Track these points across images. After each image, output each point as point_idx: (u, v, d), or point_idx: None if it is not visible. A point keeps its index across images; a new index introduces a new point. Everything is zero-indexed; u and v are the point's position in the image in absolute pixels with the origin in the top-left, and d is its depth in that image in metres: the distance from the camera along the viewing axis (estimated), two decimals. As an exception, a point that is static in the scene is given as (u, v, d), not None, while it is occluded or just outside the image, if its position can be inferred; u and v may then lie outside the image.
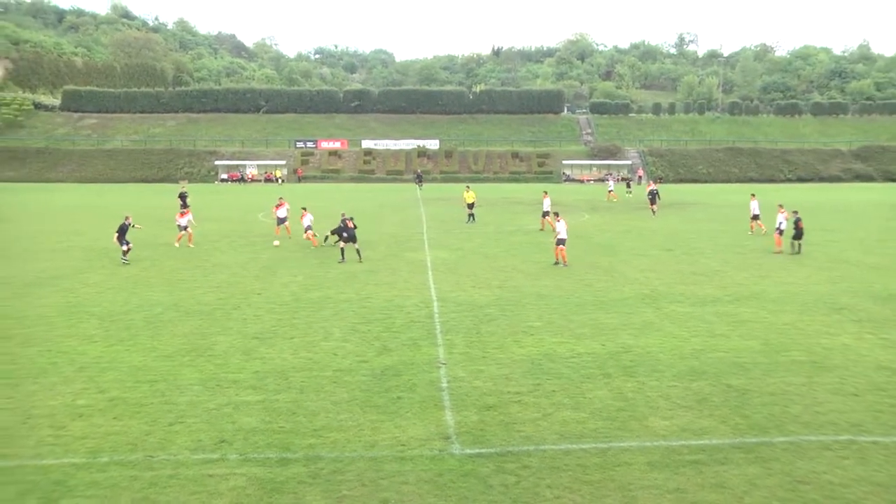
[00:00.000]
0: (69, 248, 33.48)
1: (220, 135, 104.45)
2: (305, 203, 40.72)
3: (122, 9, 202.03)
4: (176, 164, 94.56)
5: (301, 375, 15.29)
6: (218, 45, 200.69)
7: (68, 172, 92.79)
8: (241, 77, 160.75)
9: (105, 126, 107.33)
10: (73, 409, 13.50)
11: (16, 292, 23.69)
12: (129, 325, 19.37)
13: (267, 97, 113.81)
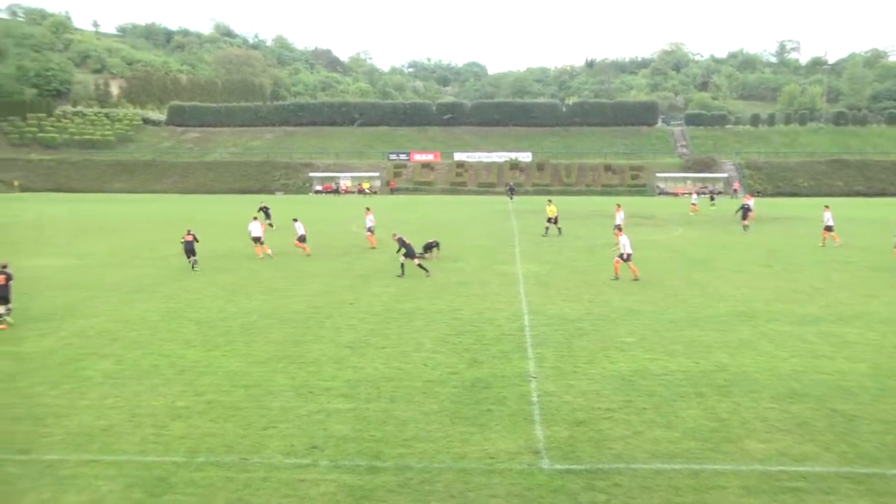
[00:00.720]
0: (169, 256, 34.87)
1: (315, 147, 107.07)
2: (396, 214, 41.22)
3: (225, 27, 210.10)
4: (272, 175, 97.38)
5: (392, 385, 15.45)
6: (314, 60, 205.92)
7: (172, 184, 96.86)
8: (336, 91, 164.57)
9: (206, 139, 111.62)
10: (173, 409, 14.03)
11: (122, 298, 24.85)
12: (226, 332, 20.00)
13: (361, 110, 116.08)
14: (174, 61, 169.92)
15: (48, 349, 18.35)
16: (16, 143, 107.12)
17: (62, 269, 31.35)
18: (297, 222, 36.55)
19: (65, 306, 23.55)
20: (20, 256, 34.62)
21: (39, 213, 60.76)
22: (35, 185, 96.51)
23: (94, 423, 13.36)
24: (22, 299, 24.45)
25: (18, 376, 16.11)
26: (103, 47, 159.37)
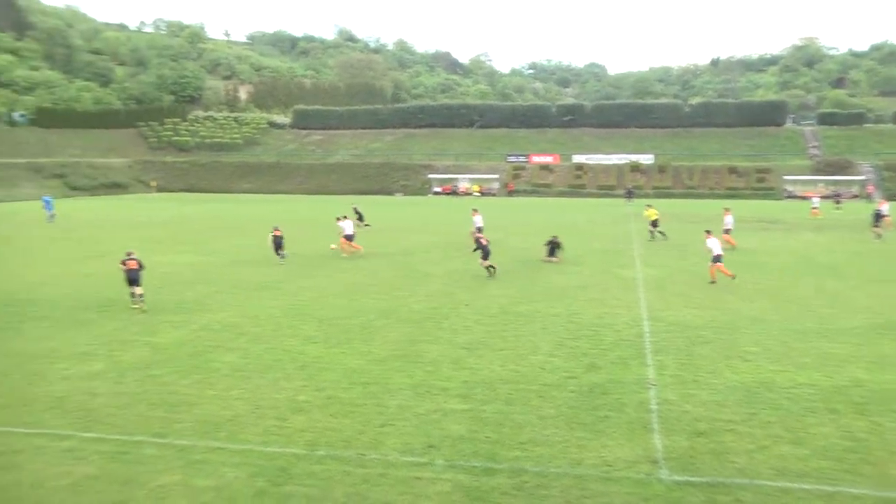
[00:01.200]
0: (292, 255, 36.10)
1: (434, 149, 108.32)
2: (514, 217, 41.15)
3: (347, 33, 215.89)
4: (392, 177, 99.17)
5: (508, 387, 15.44)
6: (434, 63, 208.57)
7: (296, 185, 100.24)
8: (456, 93, 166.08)
9: (329, 142, 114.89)
10: (294, 403, 14.52)
11: (248, 294, 25.93)
12: (346, 330, 20.52)
13: (480, 112, 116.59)
14: (299, 67, 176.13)
15: (180, 341, 19.37)
16: (154, 146, 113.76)
17: (193, 265, 33.00)
18: (344, 220, 37.49)
19: (195, 301, 24.78)
20: (156, 253, 36.71)
21: (173, 212, 64.22)
22: (170, 186, 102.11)
23: (221, 413, 14.00)
24: (158, 293, 25.97)
25: (154, 365, 17.09)
26: (233, 55, 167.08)
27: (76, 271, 28.66)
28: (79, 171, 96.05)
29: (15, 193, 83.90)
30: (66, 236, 43.90)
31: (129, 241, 42.31)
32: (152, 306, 23.62)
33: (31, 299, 25.08)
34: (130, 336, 19.92)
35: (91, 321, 21.77)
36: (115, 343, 19.15)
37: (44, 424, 13.48)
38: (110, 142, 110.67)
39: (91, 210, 68.05)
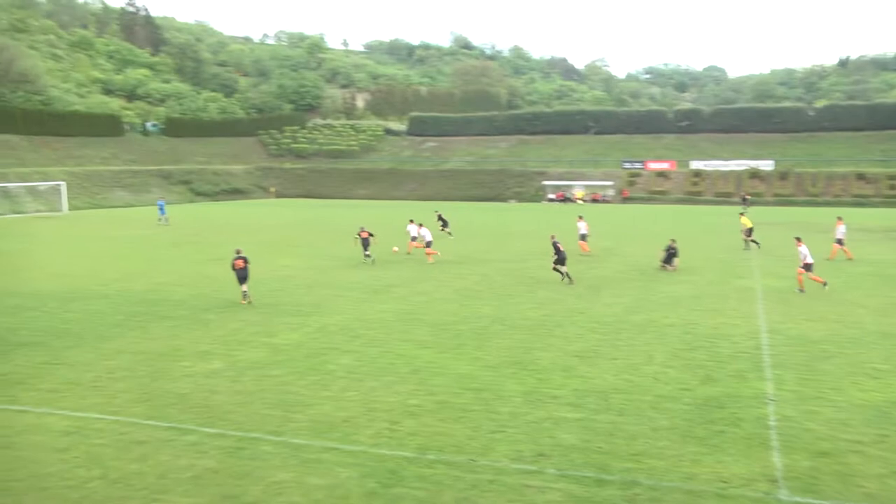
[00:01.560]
0: (403, 259, 36.68)
1: (549, 156, 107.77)
2: (629, 224, 40.45)
3: (463, 40, 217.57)
4: (506, 184, 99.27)
5: (621, 397, 15.18)
6: (550, 69, 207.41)
7: (410, 191, 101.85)
8: (571, 99, 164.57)
9: (444, 148, 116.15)
10: (406, 407, 14.74)
11: (362, 298, 26.53)
12: (458, 335, 20.67)
13: (595, 118, 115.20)
14: (415, 74, 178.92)
15: (296, 342, 20.02)
16: (273, 153, 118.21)
17: (310, 268, 34.04)
18: (412, 225, 39.97)
19: (311, 303, 25.55)
20: (275, 256, 38.12)
21: (291, 217, 66.48)
22: (288, 192, 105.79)
23: (335, 414, 14.37)
24: (276, 295, 26.95)
25: (271, 365, 17.72)
26: (351, 64, 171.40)
27: (199, 273, 30.09)
28: (203, 177, 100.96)
29: (145, 198, 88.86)
30: (189, 240, 46.16)
31: (249, 244, 44.03)
32: (271, 308, 24.55)
33: (158, 299, 26.50)
34: (249, 336, 20.74)
35: (212, 321, 22.80)
36: (234, 343, 19.99)
37: (168, 418, 14.21)
38: (233, 149, 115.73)
39: (213, 214, 71.31)
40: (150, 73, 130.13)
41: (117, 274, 32.95)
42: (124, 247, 43.84)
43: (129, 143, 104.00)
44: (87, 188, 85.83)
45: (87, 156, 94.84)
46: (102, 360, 18.27)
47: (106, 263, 36.63)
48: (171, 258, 38.23)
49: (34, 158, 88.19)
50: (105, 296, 27.39)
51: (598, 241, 44.80)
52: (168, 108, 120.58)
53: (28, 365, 17.96)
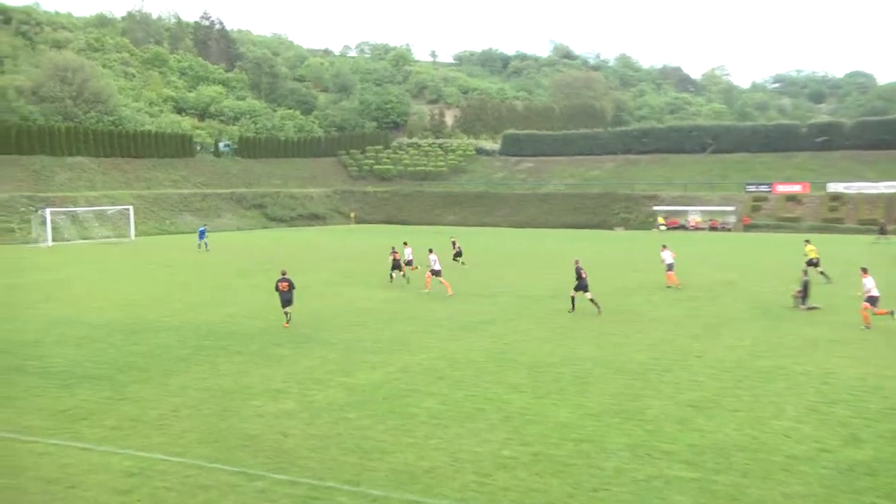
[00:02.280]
0: (498, 293, 36.58)
1: (660, 177, 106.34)
2: (746, 255, 39.39)
3: (564, 49, 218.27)
4: (611, 209, 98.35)
5: (745, 456, 14.61)
6: (662, 80, 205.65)
7: (503, 217, 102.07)
8: (686, 113, 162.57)
9: (541, 170, 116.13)
10: (497, 458, 14.56)
11: (449, 334, 26.57)
12: (557, 378, 20.40)
13: (714, 134, 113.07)
14: (510, 88, 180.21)
15: (376, 383, 20.12)
16: (354, 175, 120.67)
17: (391, 301, 34.35)
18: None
19: (392, 340, 25.72)
20: (353, 287, 38.64)
21: (370, 244, 67.40)
22: (369, 217, 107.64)
23: (417, 463, 14.32)
24: (354, 330, 27.30)
25: (348, 407, 17.85)
26: (440, 77, 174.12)
27: (271, 304, 30.67)
28: (278, 201, 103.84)
29: (216, 223, 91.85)
30: (261, 268, 47.33)
31: (326, 273, 44.93)
32: (348, 345, 24.85)
33: (227, 332, 27.19)
34: (325, 375, 20.98)
35: (285, 357, 23.20)
36: (309, 382, 20.25)
37: (236, 462, 14.44)
38: (310, 171, 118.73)
39: (288, 241, 72.98)
40: (223, 90, 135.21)
41: (185, 304, 34.03)
42: (192, 275, 45.30)
43: (200, 165, 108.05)
44: (154, 212, 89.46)
45: (156, 178, 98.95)
46: (168, 397, 18.80)
47: (173, 292, 37.92)
48: (241, 288, 39.26)
49: (103, 181, 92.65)
50: (172, 327, 28.29)
51: (717, 273, 43.80)
52: (242, 127, 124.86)
53: (92, 400, 18.65)
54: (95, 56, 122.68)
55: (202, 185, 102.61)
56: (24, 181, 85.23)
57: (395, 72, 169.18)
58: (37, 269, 49.80)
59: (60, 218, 76.64)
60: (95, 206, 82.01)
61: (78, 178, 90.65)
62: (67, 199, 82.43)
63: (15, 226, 75.36)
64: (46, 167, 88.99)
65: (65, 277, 45.11)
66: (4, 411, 17.85)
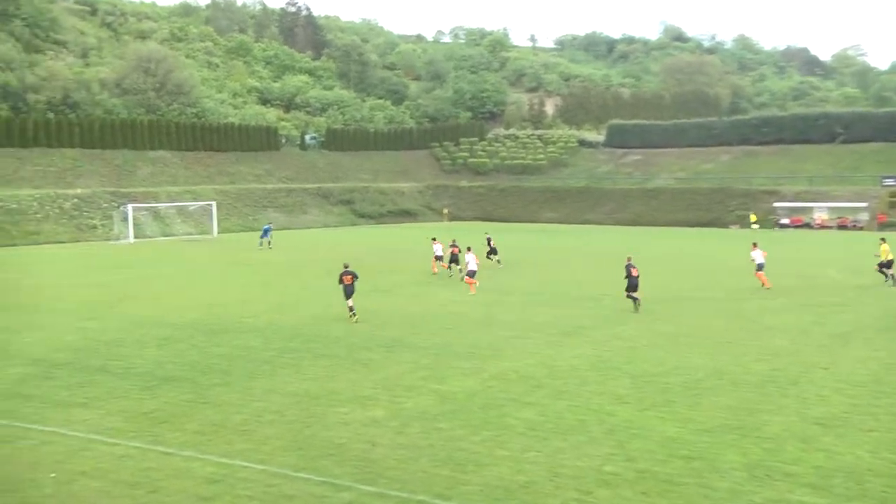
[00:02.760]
0: (601, 296, 36.29)
1: (782, 170, 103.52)
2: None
3: (675, 31, 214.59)
4: (726, 205, 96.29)
5: (881, 483, 14.09)
6: (785, 63, 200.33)
7: (606, 214, 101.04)
8: (813, 99, 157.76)
9: (648, 163, 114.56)
10: (599, 474, 14.45)
11: (548, 340, 26.51)
12: (664, 389, 20.12)
13: (845, 122, 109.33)
14: (615, 74, 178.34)
15: (470, 390, 20.22)
16: (447, 169, 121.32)
17: (487, 304, 34.44)
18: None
19: (488, 345, 25.79)
20: (446, 289, 38.87)
21: (466, 243, 67.55)
22: (463, 214, 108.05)
23: (513, 478, 14.32)
24: (447, 334, 27.50)
25: (440, 416, 17.98)
26: (539, 63, 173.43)
27: (359, 305, 31.12)
28: (367, 196, 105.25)
29: (301, 220, 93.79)
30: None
31: (415, 273, 45.34)
32: (441, 349, 25.06)
33: (313, 334, 27.75)
34: (416, 381, 21.19)
35: (374, 362, 23.51)
36: (398, 388, 20.49)
37: (322, 471, 14.71)
38: (401, 164, 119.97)
39: (377, 239, 73.88)
40: (310, 80, 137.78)
41: (268, 304, 34.89)
42: (277, 274, 46.36)
43: (286, 159, 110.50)
44: (238, 209, 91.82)
45: (239, 173, 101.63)
46: (251, 401, 19.30)
47: (256, 292, 38.93)
48: (327, 288, 39.84)
49: (186, 176, 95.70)
50: (255, 329, 29.02)
51: (846, 277, 42.48)
52: (329, 119, 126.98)
53: (174, 403, 19.30)
54: (179, 46, 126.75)
55: (287, 179, 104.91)
56: (106, 176, 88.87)
57: (492, 58, 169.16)
58: (118, 267, 51.80)
59: (142, 214, 79.61)
60: (177, 202, 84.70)
61: (160, 173, 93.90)
62: (149, 195, 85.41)
63: (97, 222, 78.57)
64: (129, 161, 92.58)
65: (146, 275, 46.82)
66: (88, 412, 18.66)
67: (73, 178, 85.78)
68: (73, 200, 79.73)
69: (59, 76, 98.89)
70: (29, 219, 74.76)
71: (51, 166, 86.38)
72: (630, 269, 32.12)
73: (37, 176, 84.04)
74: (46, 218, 76.02)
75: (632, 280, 31.96)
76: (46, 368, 23.15)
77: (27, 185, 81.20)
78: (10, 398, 20.02)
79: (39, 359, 24.45)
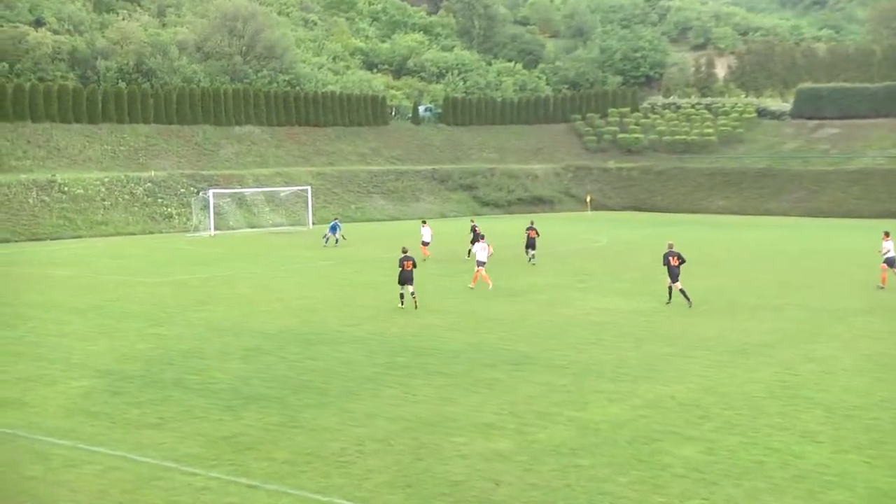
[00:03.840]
0: (786, 305, 35.46)
1: None
2: None
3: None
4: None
5: None
6: None
7: (794, 202, 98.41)
8: None
9: (851, 136, 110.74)
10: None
11: (716, 360, 26.13)
12: (871, 426, 19.52)
13: None
14: (807, 25, 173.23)
15: (617, 420, 19.96)
16: (592, 147, 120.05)
17: (638, 313, 34.12)
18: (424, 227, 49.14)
19: (639, 364, 25.46)
20: (587, 294, 38.55)
21: (613, 237, 66.95)
22: (610, 202, 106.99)
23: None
24: (589, 349, 27.41)
25: (580, 451, 17.79)
26: (708, 14, 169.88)
27: (480, 313, 31.18)
28: (492, 180, 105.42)
29: (415, 209, 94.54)
30: (467, 266, 47.60)
31: (554, 275, 45.08)
32: (581, 368, 24.90)
33: (425, 347, 27.95)
34: (550, 407, 21.03)
35: (498, 382, 23.46)
36: (529, 415, 20.37)
37: (435, 515, 14.75)
38: (534, 141, 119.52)
39: (504, 232, 73.62)
40: (425, 39, 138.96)
41: (372, 309, 35.35)
42: (384, 273, 46.62)
43: (395, 135, 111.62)
44: (337, 195, 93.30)
45: (340, 152, 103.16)
46: (351, 427, 19.51)
47: (359, 295, 39.55)
48: (441, 292, 40.20)
49: (276, 155, 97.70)
50: (357, 339, 29.42)
51: None
52: (448, 86, 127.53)
53: (260, 426, 19.70)
54: (270, 1, 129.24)
55: (396, 160, 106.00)
56: (184, 157, 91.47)
57: (649, 9, 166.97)
58: (197, 264, 53.43)
59: (225, 201, 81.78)
60: (266, 187, 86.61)
61: (247, 153, 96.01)
62: (234, 179, 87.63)
63: (173, 210, 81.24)
64: (210, 139, 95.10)
65: (229, 274, 48.10)
66: (161, 434, 19.22)
67: (147, 159, 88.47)
68: (145, 185, 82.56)
69: (132, 38, 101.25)
70: (96, 206, 77.56)
71: (121, 145, 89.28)
72: (669, 257, 34.38)
73: (105, 156, 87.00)
74: (115, 205, 78.82)
75: (672, 270, 34.66)
76: (114, 382, 24.03)
77: (94, 166, 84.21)
78: (73, 415, 20.83)
79: (107, 370, 25.41)
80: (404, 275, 34.22)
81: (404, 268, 34.19)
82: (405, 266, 34.16)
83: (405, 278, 34.23)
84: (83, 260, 55.63)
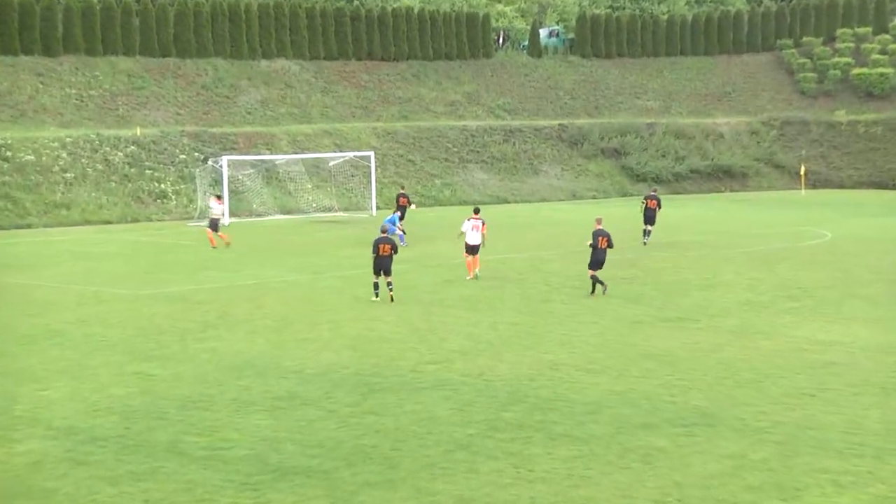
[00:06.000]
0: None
1: None
2: None
3: None
4: None
5: None
6: None
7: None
8: None
9: None
10: None
11: None
12: None
13: None
14: None
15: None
16: (809, 90, 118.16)
17: (882, 348, 33.47)
18: None
19: (882, 429, 24.76)
20: (804, 317, 38.06)
21: (847, 233, 65.99)
22: (835, 175, 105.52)
23: None
24: (805, 404, 27.00)
25: None
26: None
27: (636, 347, 30.52)
28: (651, 143, 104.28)
29: (531, 185, 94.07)
30: (614, 273, 46.95)
31: (747, 289, 44.45)
32: (792, 435, 24.09)
33: (549, 398, 27.33)
34: (739, 492, 20.20)
35: (660, 452, 22.81)
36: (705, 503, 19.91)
37: None
38: (718, 82, 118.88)
39: (676, 220, 72.71)
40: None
41: (466, 339, 34.95)
42: (485, 285, 46.28)
43: (504, 74, 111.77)
44: (416, 165, 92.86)
45: (419, 99, 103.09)
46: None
47: (448, 318, 39.06)
48: (572, 315, 39.65)
49: (322, 105, 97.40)
50: (444, 384, 29.04)
51: None
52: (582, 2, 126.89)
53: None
54: None
55: (505, 112, 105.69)
56: (185, 106, 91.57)
57: None
58: (203, 268, 53.81)
59: (246, 174, 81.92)
60: (307, 153, 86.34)
61: (279, 101, 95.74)
62: (259, 139, 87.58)
63: (169, 186, 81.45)
64: (222, 79, 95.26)
65: (252, 283, 48.19)
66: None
67: (130, 110, 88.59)
68: (127, 149, 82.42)
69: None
70: (54, 181, 77.19)
71: (91, 88, 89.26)
72: (598, 237, 38.53)
73: (68, 105, 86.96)
74: (82, 179, 78.66)
75: (596, 254, 38.89)
76: (79, 444, 23.57)
77: (51, 120, 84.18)
78: (12, 498, 20.45)
79: (68, 427, 25.01)
80: (381, 262, 40.67)
81: (380, 253, 40.54)
82: (381, 250, 40.52)
83: (382, 266, 40.77)
84: (34, 261, 56.17)
